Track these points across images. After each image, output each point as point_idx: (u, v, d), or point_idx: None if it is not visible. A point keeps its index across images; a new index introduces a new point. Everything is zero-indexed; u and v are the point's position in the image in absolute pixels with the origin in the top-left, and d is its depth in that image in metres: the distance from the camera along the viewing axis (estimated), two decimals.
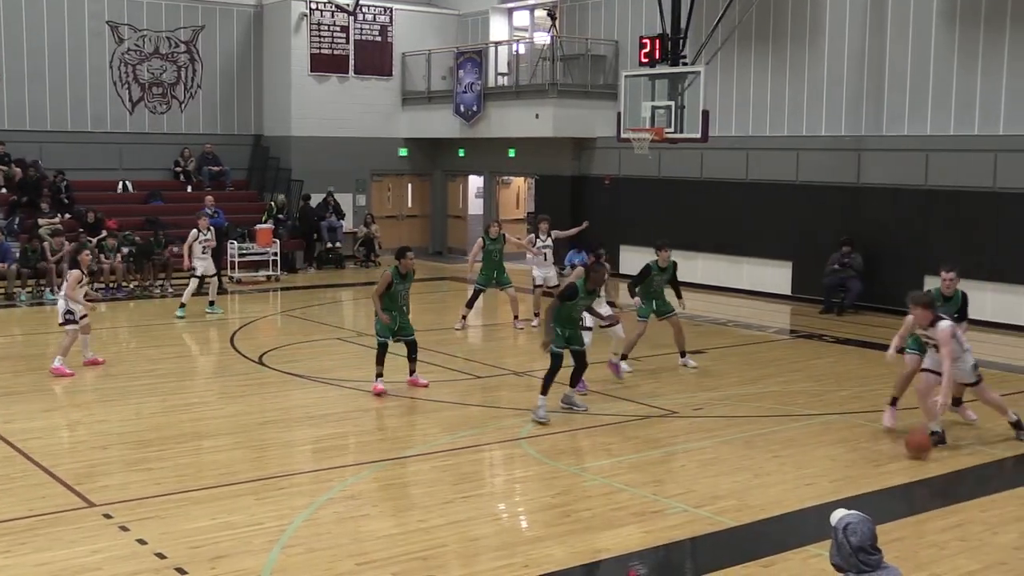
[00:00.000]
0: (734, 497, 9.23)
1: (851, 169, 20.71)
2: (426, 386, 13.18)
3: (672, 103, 19.66)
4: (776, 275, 22.03)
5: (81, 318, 14.11)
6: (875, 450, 10.79)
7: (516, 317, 17.95)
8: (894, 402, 11.54)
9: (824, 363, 15.61)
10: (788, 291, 21.80)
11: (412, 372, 13.32)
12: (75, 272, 14.16)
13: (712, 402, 12.87)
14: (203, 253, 18.98)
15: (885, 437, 11.24)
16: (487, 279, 17.88)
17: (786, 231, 21.66)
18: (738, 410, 12.46)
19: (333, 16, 27.82)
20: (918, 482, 9.88)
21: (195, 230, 19.07)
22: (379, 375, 12.91)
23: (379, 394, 12.76)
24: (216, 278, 19.76)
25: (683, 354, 15.03)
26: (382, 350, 12.93)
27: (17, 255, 21.13)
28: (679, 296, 15.15)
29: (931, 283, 19.36)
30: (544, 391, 11.70)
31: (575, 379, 12.18)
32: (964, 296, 11.92)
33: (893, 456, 10.56)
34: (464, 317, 17.88)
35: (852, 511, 4.60)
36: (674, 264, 15.12)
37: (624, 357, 14.24)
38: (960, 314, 11.67)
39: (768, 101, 22.24)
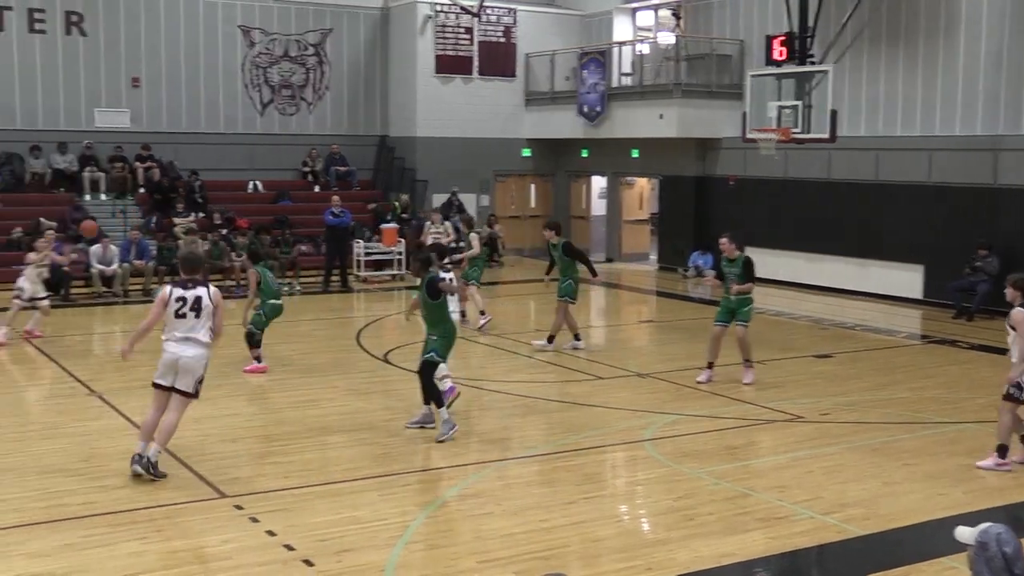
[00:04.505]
0: (862, 505, 9.02)
1: (987, 170, 20.02)
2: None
3: (799, 103, 19.33)
4: (906, 279, 21.43)
5: (39, 299, 16.31)
6: (1012, 461, 10.40)
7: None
8: None
9: (957, 370, 15.14)
10: (919, 295, 21.19)
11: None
12: (29, 254, 16.75)
13: (839, 407, 12.58)
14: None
15: None
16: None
17: (917, 234, 21.05)
18: (866, 416, 12.17)
19: (458, 18, 28.07)
20: None
21: (428, 223, 20.65)
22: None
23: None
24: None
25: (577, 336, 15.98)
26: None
27: (154, 253, 21.86)
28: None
29: None
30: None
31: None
32: None
33: None
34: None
35: (990, 523, 4.37)
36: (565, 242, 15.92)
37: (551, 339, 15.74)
38: None
39: (899, 100, 21.65)
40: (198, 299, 9.43)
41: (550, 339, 15.93)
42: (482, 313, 17.77)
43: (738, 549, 7.98)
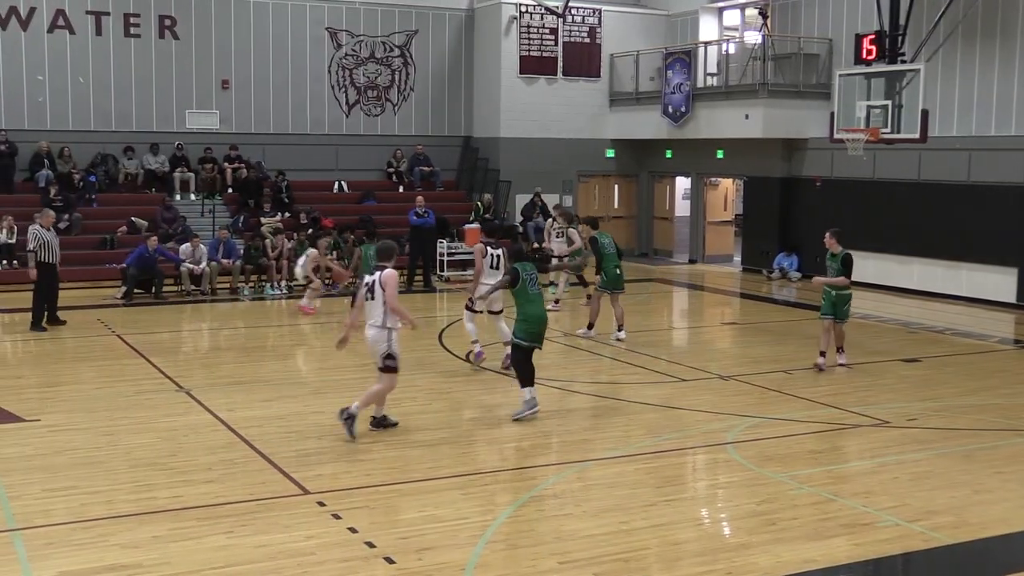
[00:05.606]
0: (951, 513, 8.82)
1: None
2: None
3: (889, 102, 19.02)
4: (999, 282, 20.92)
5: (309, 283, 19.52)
6: None
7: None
8: None
9: None
10: (1013, 299, 20.67)
11: None
12: (310, 250, 20.07)
13: (927, 413, 12.33)
14: (557, 237, 20.53)
15: None
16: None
17: (1012, 236, 20.53)
18: (956, 422, 11.91)
19: (542, 19, 28.09)
20: None
21: (550, 219, 20.97)
22: None
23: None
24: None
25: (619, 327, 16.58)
26: None
27: (241, 252, 22.23)
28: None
29: None
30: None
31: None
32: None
33: None
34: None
35: None
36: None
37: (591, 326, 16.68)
38: None
39: (994, 99, 21.14)
40: (374, 283, 10.79)
41: (619, 327, 16.63)
42: (556, 302, 19.62)
43: (821, 555, 7.87)
